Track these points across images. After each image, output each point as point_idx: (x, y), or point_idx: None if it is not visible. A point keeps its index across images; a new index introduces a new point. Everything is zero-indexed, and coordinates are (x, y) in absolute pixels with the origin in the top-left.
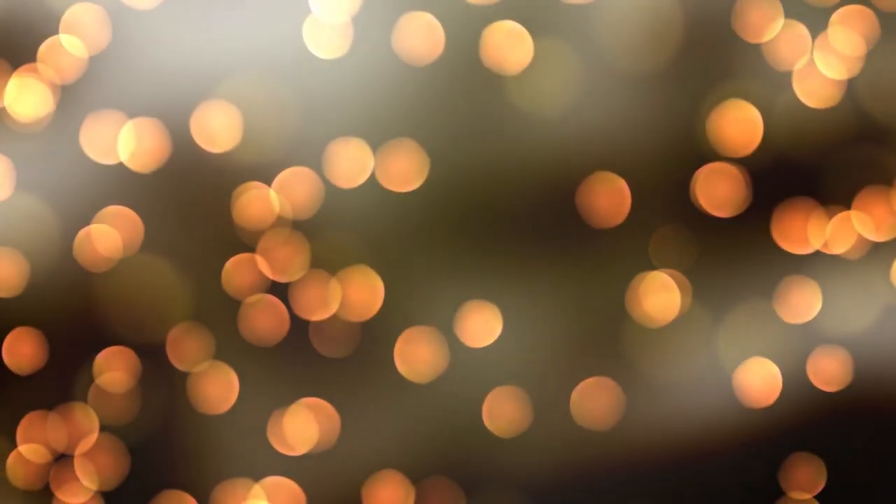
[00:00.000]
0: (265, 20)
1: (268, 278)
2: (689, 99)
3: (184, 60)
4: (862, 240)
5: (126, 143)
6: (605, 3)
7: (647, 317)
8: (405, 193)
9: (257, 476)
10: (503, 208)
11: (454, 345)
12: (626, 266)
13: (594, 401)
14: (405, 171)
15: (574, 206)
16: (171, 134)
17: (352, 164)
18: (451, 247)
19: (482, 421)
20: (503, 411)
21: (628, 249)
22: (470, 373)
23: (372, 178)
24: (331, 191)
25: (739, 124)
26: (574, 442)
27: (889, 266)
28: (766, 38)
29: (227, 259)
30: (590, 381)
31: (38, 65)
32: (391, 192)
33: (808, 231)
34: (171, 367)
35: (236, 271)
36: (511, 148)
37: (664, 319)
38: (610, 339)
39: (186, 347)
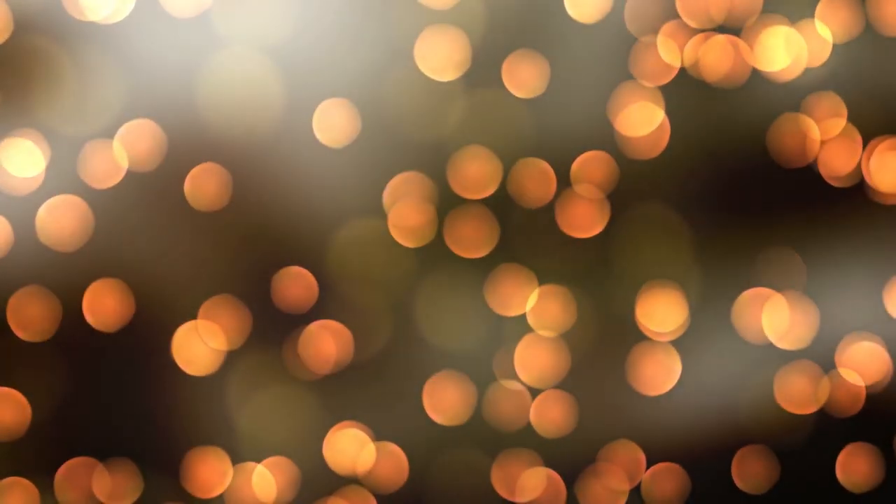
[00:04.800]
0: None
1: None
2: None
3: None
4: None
5: (125, 141)
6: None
7: (650, 321)
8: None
9: (254, 457)
10: (503, 211)
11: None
12: (626, 273)
13: (596, 402)
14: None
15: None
16: (169, 131)
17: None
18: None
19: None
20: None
21: (624, 256)
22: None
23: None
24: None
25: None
26: (573, 441)
27: None
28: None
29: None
30: (591, 383)
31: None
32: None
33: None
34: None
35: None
36: (506, 147)
37: (667, 324)
38: (611, 343)
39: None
